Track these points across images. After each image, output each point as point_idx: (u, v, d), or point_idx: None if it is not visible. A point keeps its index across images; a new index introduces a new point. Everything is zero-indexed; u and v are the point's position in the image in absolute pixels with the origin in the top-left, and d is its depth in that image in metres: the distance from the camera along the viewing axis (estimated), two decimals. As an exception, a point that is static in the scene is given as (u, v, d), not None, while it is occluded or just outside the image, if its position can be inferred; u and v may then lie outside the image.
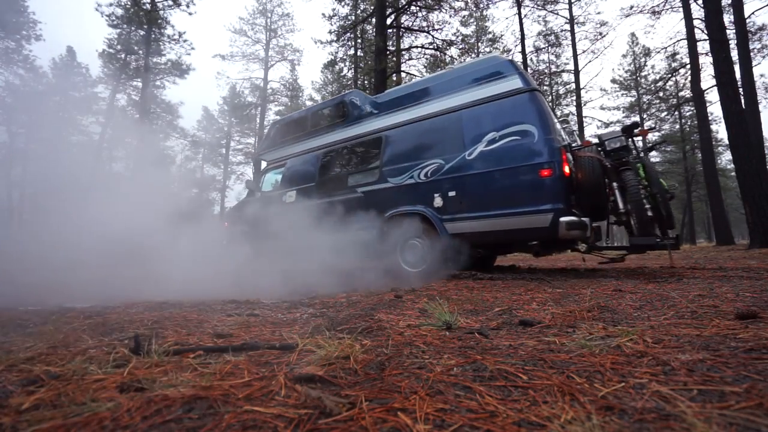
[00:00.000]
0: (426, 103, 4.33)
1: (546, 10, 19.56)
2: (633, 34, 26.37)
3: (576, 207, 3.52)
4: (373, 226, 4.25)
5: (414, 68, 19.30)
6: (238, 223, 5.74)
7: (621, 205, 3.54)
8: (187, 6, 21.70)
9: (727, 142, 11.12)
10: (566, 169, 3.41)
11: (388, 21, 12.97)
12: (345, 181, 4.78)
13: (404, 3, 13.54)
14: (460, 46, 15.03)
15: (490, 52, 18.54)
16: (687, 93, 22.02)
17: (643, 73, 25.72)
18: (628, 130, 3.70)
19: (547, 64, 22.45)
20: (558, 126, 4.00)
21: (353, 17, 17.64)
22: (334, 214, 4.45)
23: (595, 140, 3.91)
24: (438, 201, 3.95)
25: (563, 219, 3.25)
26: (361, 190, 4.55)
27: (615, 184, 3.58)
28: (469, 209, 3.77)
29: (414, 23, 14.73)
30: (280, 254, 4.62)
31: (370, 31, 17.31)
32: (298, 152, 5.53)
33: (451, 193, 3.88)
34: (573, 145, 3.97)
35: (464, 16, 17.66)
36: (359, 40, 18.35)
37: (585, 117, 21.54)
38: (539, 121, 3.54)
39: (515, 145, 3.60)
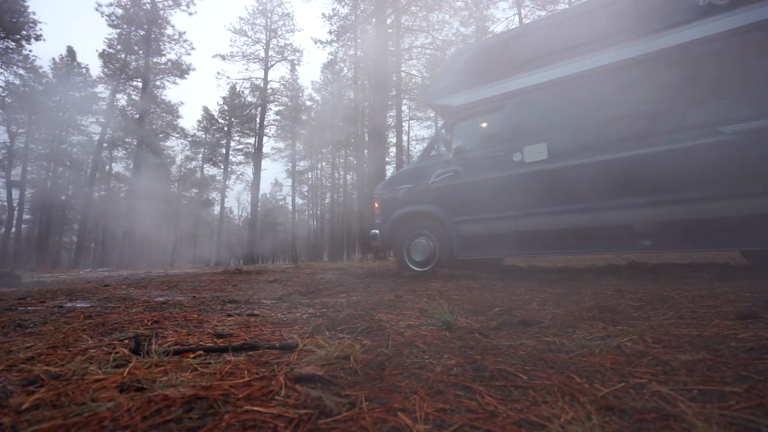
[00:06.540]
0: None
1: (546, 10, 19.57)
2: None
3: None
4: None
5: (414, 68, 19.33)
6: (406, 203, 4.45)
7: None
8: (187, 6, 21.78)
9: None
10: None
11: (388, 21, 12.98)
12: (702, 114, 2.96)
13: (404, 3, 13.56)
14: (460, 46, 15.06)
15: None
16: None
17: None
18: None
19: (547, 64, 22.44)
20: None
21: (353, 17, 17.64)
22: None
23: None
24: None
25: None
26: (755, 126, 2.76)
27: None
28: None
29: (414, 23, 14.75)
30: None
31: (370, 31, 17.32)
32: (541, 83, 3.80)
33: None
34: None
35: (464, 16, 17.70)
36: (359, 40, 18.35)
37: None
38: None
39: None
